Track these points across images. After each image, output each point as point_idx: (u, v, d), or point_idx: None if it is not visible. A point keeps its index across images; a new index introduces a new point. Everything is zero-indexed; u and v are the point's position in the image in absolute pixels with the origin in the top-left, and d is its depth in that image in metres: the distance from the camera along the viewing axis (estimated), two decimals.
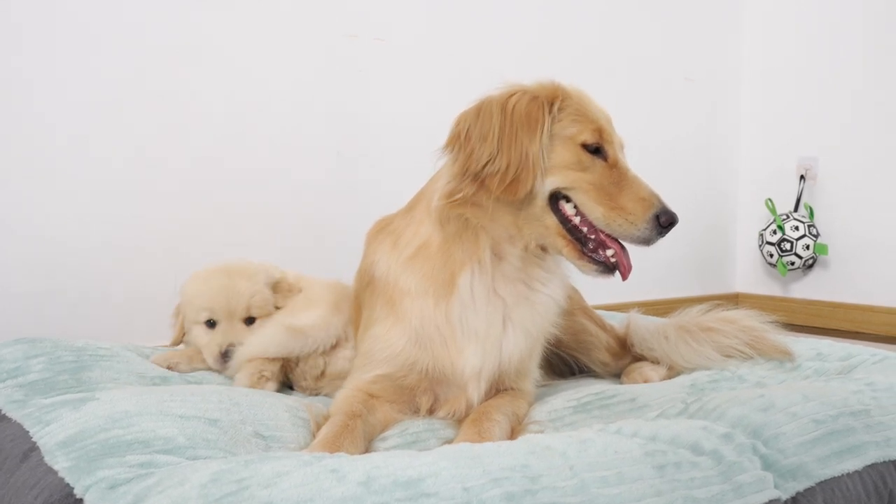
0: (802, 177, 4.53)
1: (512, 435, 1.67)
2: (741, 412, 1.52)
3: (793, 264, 4.42)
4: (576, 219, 1.71)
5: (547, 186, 1.69)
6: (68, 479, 1.26)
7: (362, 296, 1.92)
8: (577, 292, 2.23)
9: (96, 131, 2.79)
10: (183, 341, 2.28)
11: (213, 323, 2.18)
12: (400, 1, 3.50)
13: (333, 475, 1.14)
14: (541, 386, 2.00)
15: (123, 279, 2.84)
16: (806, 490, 1.41)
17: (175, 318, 2.32)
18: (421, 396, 1.77)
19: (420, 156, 2.64)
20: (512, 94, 1.71)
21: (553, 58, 3.89)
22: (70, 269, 2.74)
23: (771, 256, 4.49)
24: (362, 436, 1.58)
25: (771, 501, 1.32)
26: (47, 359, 1.90)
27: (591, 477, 1.22)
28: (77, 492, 1.22)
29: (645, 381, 2.12)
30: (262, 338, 2.09)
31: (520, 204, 1.70)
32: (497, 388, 1.82)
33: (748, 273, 4.88)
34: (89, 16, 2.76)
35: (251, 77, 3.11)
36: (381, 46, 3.42)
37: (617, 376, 2.26)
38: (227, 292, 2.16)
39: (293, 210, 3.21)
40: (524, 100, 1.69)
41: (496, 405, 1.73)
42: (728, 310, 2.30)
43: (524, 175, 1.64)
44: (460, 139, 1.69)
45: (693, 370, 2.14)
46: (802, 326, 4.33)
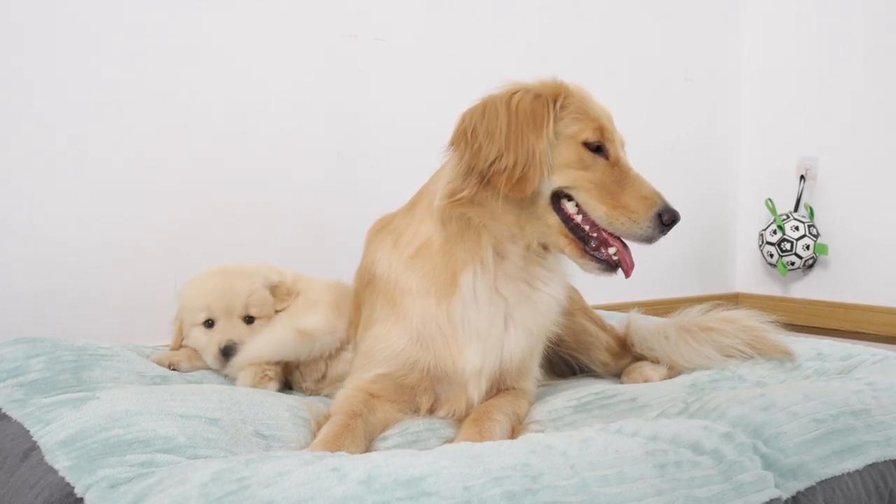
0: (802, 177, 4.53)
1: (513, 434, 1.67)
2: (742, 411, 1.52)
3: (793, 264, 4.42)
4: (578, 217, 1.70)
5: (550, 185, 1.69)
6: (69, 479, 1.25)
7: (362, 295, 1.92)
8: (577, 292, 2.23)
9: (96, 131, 2.79)
10: (182, 346, 2.28)
11: (212, 323, 2.17)
12: (400, 1, 3.49)
13: (334, 474, 1.14)
14: (541, 385, 2.00)
15: (123, 279, 2.84)
16: (807, 489, 1.40)
17: (174, 325, 2.31)
18: (421, 396, 1.77)
19: (420, 155, 2.64)
20: (515, 92, 1.70)
21: (553, 58, 3.89)
22: (70, 269, 2.74)
23: (771, 256, 4.49)
24: (363, 435, 1.57)
25: (772, 501, 1.32)
26: (47, 358, 1.90)
27: (592, 476, 1.22)
28: (77, 491, 1.22)
29: (645, 381, 2.12)
30: (271, 340, 2.08)
31: (522, 203, 1.69)
32: (498, 388, 1.81)
33: (748, 273, 4.87)
34: (89, 16, 2.76)
35: (251, 77, 3.11)
36: (381, 46, 3.42)
37: (617, 376, 2.26)
38: (224, 291, 2.16)
39: (293, 210, 3.21)
40: (528, 97, 1.69)
41: (497, 404, 1.73)
42: (728, 310, 2.30)
43: (531, 172, 1.64)
44: (466, 136, 1.68)
45: (693, 370, 2.14)
46: (802, 326, 4.33)
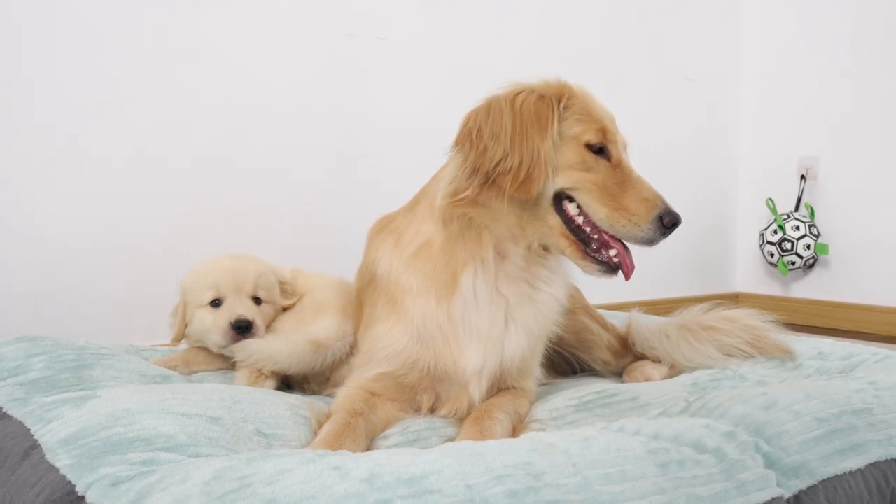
0: (803, 176, 4.52)
1: (514, 433, 1.67)
2: (743, 410, 1.52)
3: (793, 264, 4.42)
4: (579, 219, 1.70)
5: (552, 186, 1.69)
6: (70, 477, 1.25)
7: (363, 294, 1.92)
8: (579, 291, 2.23)
9: (96, 131, 2.79)
10: (185, 336, 2.23)
11: (218, 302, 2.13)
12: (400, 1, 3.49)
13: (336, 472, 1.14)
14: (542, 384, 2.00)
15: (123, 279, 2.84)
16: (809, 488, 1.40)
17: (173, 317, 2.27)
18: (422, 395, 1.77)
19: (420, 155, 2.64)
20: (519, 93, 1.70)
21: (552, 58, 3.89)
22: (70, 269, 2.74)
23: (772, 256, 4.49)
24: (364, 434, 1.57)
25: (774, 499, 1.31)
26: (48, 357, 1.90)
27: (594, 474, 1.22)
28: (79, 489, 1.22)
29: (646, 380, 2.12)
30: (290, 353, 2.04)
31: (525, 203, 1.69)
32: (499, 387, 1.81)
33: (749, 273, 4.87)
34: (89, 16, 2.76)
35: (251, 77, 3.11)
36: (382, 46, 3.42)
37: (618, 375, 2.26)
38: (234, 270, 2.14)
39: (293, 210, 3.21)
40: (531, 98, 1.68)
41: (498, 404, 1.73)
42: (729, 309, 2.30)
43: (536, 173, 1.63)
44: (472, 137, 1.67)
45: (694, 369, 2.14)
46: (803, 326, 4.32)
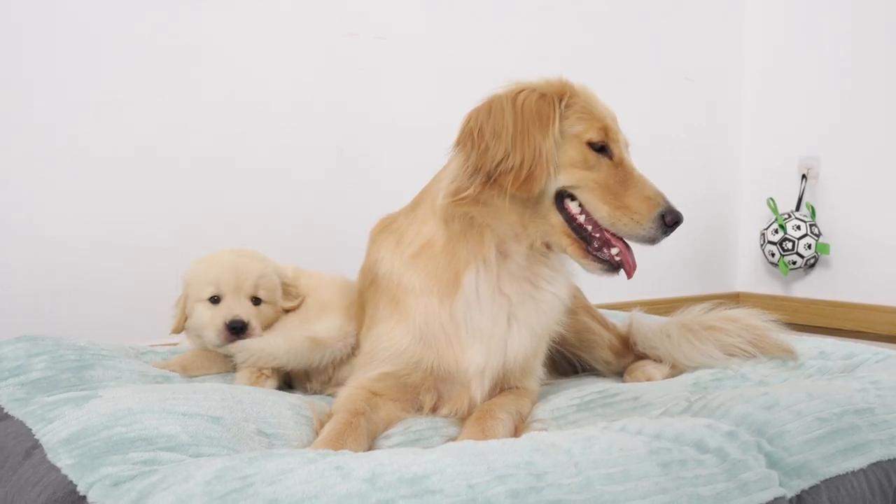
0: (804, 176, 4.52)
1: (515, 433, 1.66)
2: (745, 410, 1.52)
3: (794, 263, 4.41)
4: (581, 217, 1.70)
5: (554, 185, 1.69)
6: (71, 477, 1.25)
7: (366, 294, 1.92)
8: (580, 291, 2.22)
9: (96, 131, 2.78)
10: (184, 328, 2.22)
11: (217, 299, 2.12)
12: (399, 0, 3.49)
13: (338, 472, 1.14)
14: (544, 384, 2.00)
15: (123, 279, 2.83)
16: (811, 488, 1.40)
17: (176, 308, 2.26)
18: (424, 394, 1.77)
19: (420, 155, 2.63)
20: (520, 91, 1.70)
21: (552, 57, 3.89)
22: (70, 269, 2.73)
23: (772, 256, 4.48)
24: (366, 434, 1.57)
25: (776, 499, 1.31)
26: (49, 357, 1.90)
27: (596, 474, 1.22)
28: (80, 489, 1.22)
29: (648, 380, 2.12)
30: (287, 348, 2.04)
31: (526, 202, 1.69)
32: (501, 387, 1.81)
33: (749, 272, 4.87)
34: (89, 16, 2.75)
35: (251, 77, 3.10)
36: (382, 46, 3.42)
37: (619, 375, 2.26)
38: (235, 268, 2.12)
39: (293, 210, 3.20)
40: (533, 97, 1.68)
41: (500, 403, 1.73)
42: (731, 308, 2.30)
43: (538, 172, 1.63)
44: (473, 136, 1.67)
45: (696, 369, 2.14)
46: (804, 326, 4.32)
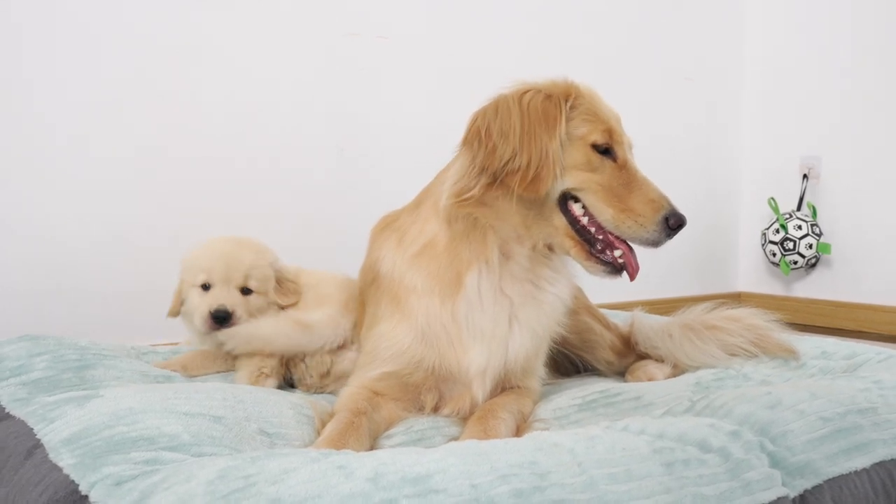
0: (805, 176, 4.51)
1: (517, 433, 1.66)
2: (748, 410, 1.51)
3: (796, 263, 4.41)
4: (584, 219, 1.70)
5: (559, 187, 1.68)
6: (73, 476, 1.25)
7: (367, 293, 1.91)
8: (582, 291, 2.22)
9: (96, 131, 2.78)
10: (180, 312, 2.25)
11: (208, 287, 2.14)
12: (400, 0, 3.49)
13: (341, 471, 1.13)
14: (546, 384, 1.99)
15: (123, 279, 2.83)
16: (814, 488, 1.39)
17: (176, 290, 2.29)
18: (426, 394, 1.77)
19: (420, 155, 2.63)
20: (526, 92, 1.69)
21: (552, 57, 3.88)
22: (70, 269, 2.73)
23: (774, 255, 4.48)
24: (367, 433, 1.57)
25: (779, 499, 1.31)
26: (51, 357, 1.90)
27: (600, 474, 1.21)
28: (82, 488, 1.22)
29: (649, 380, 2.12)
30: (270, 329, 2.07)
31: (530, 204, 1.68)
32: (503, 387, 1.81)
33: (750, 272, 4.86)
34: (89, 16, 2.75)
35: (251, 77, 3.10)
36: (381, 46, 3.41)
37: (621, 375, 2.26)
38: (227, 257, 2.14)
39: (293, 210, 3.20)
40: (539, 97, 1.68)
41: (501, 403, 1.72)
42: (732, 308, 2.30)
43: (544, 173, 1.63)
44: (480, 136, 1.67)
45: (697, 368, 2.14)
46: (805, 326, 4.31)
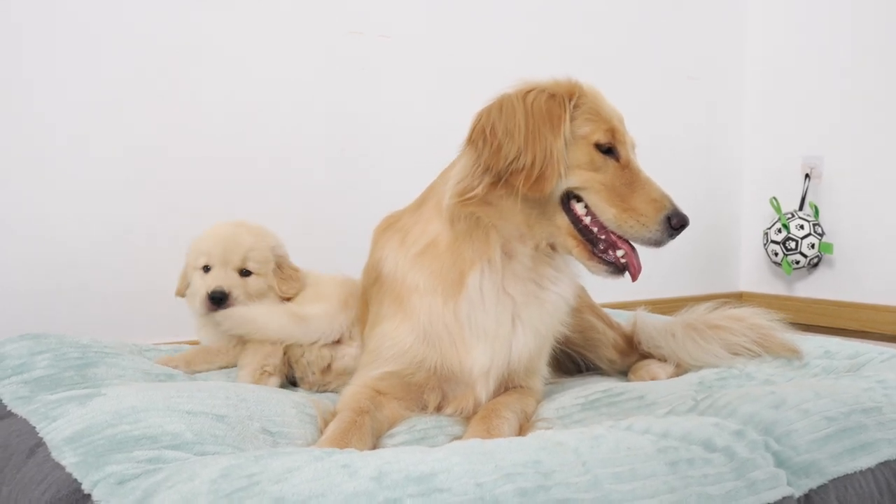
0: (807, 175, 4.51)
1: (520, 432, 1.66)
2: (752, 409, 1.51)
3: (797, 263, 4.40)
4: (586, 219, 1.69)
5: (562, 186, 1.68)
6: (76, 475, 1.25)
7: (369, 292, 1.91)
8: (585, 290, 2.21)
9: (96, 131, 2.77)
10: (186, 294, 2.31)
11: (209, 269, 2.21)
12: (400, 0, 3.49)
13: (345, 470, 1.13)
14: (548, 383, 1.99)
15: (124, 278, 2.82)
16: (819, 487, 1.39)
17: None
18: (429, 394, 1.76)
19: (420, 155, 2.63)
20: (530, 91, 1.69)
21: (552, 57, 3.88)
22: (70, 269, 2.72)
23: (776, 255, 4.47)
24: (370, 432, 1.56)
25: (784, 499, 1.30)
26: (52, 355, 1.90)
27: (604, 473, 1.21)
28: (85, 487, 1.21)
29: (652, 379, 2.12)
30: (263, 314, 2.11)
31: (533, 203, 1.68)
32: (506, 386, 1.80)
33: (752, 272, 4.85)
34: (89, 16, 2.75)
35: (251, 77, 3.09)
36: (382, 46, 3.41)
37: (624, 374, 2.26)
38: (226, 240, 2.21)
39: (293, 210, 3.19)
40: (543, 97, 1.67)
41: (505, 402, 1.72)
42: (735, 307, 2.30)
43: (549, 172, 1.62)
44: (485, 134, 1.66)
45: (700, 368, 2.14)
46: (807, 325, 4.30)
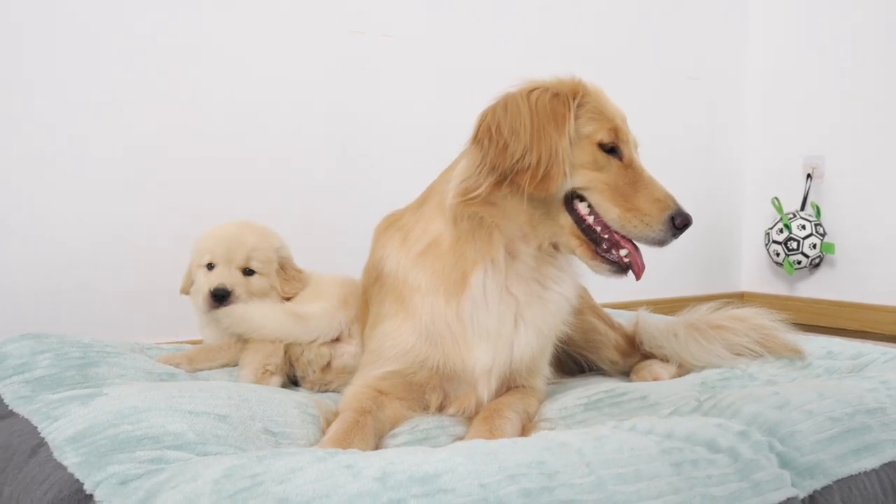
0: (809, 175, 4.51)
1: (523, 432, 1.65)
2: (756, 410, 1.50)
3: (799, 263, 4.40)
4: (590, 218, 1.68)
5: (567, 185, 1.67)
6: (78, 475, 1.24)
7: (370, 292, 1.90)
8: (586, 291, 2.21)
9: (96, 131, 2.77)
10: (190, 292, 2.32)
11: (213, 267, 2.23)
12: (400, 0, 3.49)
13: (348, 471, 1.12)
14: (551, 383, 1.99)
15: (124, 278, 2.82)
16: (823, 488, 1.39)
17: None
18: (431, 393, 1.76)
19: (420, 155, 2.62)
20: (533, 90, 1.68)
21: (552, 57, 3.87)
22: (70, 269, 2.72)
23: (777, 255, 4.47)
24: (372, 432, 1.56)
25: (789, 500, 1.30)
26: (54, 355, 1.89)
27: (608, 474, 1.20)
28: (87, 487, 1.21)
29: (654, 379, 2.12)
30: (262, 312, 2.12)
31: (537, 202, 1.67)
32: (508, 386, 1.80)
33: (754, 272, 4.86)
34: (89, 16, 2.74)
35: (252, 77, 3.09)
36: (382, 46, 3.41)
37: (626, 374, 2.26)
38: (230, 239, 2.22)
39: (293, 210, 3.19)
40: (546, 96, 1.67)
41: (507, 402, 1.71)
42: (738, 308, 2.29)
43: (555, 171, 1.62)
44: (491, 133, 1.65)
45: (703, 368, 2.14)
46: (808, 326, 4.29)
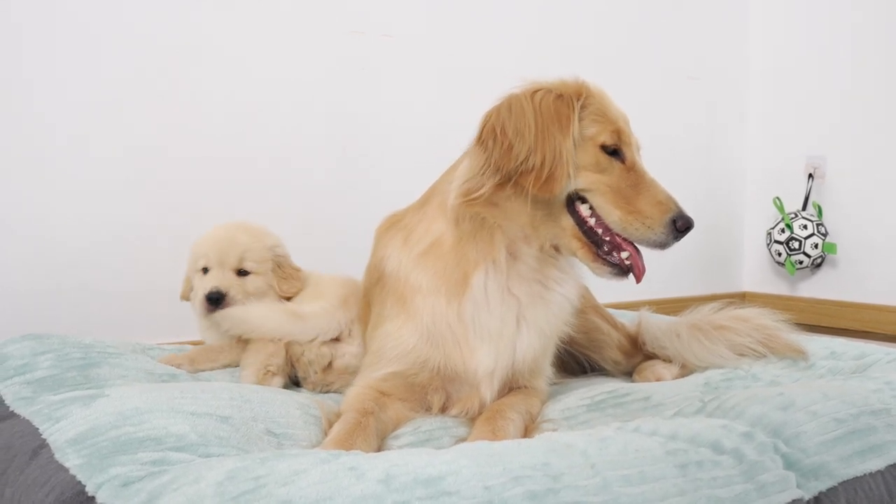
0: (811, 175, 4.50)
1: (526, 433, 1.65)
2: (761, 411, 1.50)
3: (801, 263, 4.39)
4: (591, 220, 1.68)
5: (571, 187, 1.66)
6: (80, 477, 1.24)
7: (372, 292, 1.90)
8: (589, 291, 2.21)
9: (96, 131, 2.76)
10: (190, 298, 2.32)
11: (208, 270, 2.22)
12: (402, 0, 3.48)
13: (352, 473, 1.12)
14: (553, 384, 1.98)
15: (124, 278, 2.82)
16: (828, 490, 1.39)
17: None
18: (433, 395, 1.75)
19: (421, 155, 2.62)
20: (537, 91, 1.68)
21: (552, 57, 3.86)
22: (70, 269, 2.71)
23: (779, 255, 4.46)
24: (375, 433, 1.56)
25: (794, 501, 1.30)
26: (55, 355, 1.89)
27: (613, 476, 1.20)
28: (89, 489, 1.20)
29: (657, 380, 2.12)
30: (260, 312, 2.12)
31: (539, 204, 1.67)
32: (510, 387, 1.79)
33: (755, 272, 4.85)
34: (89, 16, 2.74)
35: (251, 77, 3.08)
36: (382, 46, 3.40)
37: (628, 374, 2.25)
38: (223, 241, 2.22)
39: (293, 210, 3.18)
40: (550, 97, 1.66)
41: (510, 403, 1.71)
42: (740, 308, 2.29)
43: (559, 172, 1.61)
44: (496, 133, 1.64)
45: (706, 369, 2.14)
46: (810, 326, 4.28)
